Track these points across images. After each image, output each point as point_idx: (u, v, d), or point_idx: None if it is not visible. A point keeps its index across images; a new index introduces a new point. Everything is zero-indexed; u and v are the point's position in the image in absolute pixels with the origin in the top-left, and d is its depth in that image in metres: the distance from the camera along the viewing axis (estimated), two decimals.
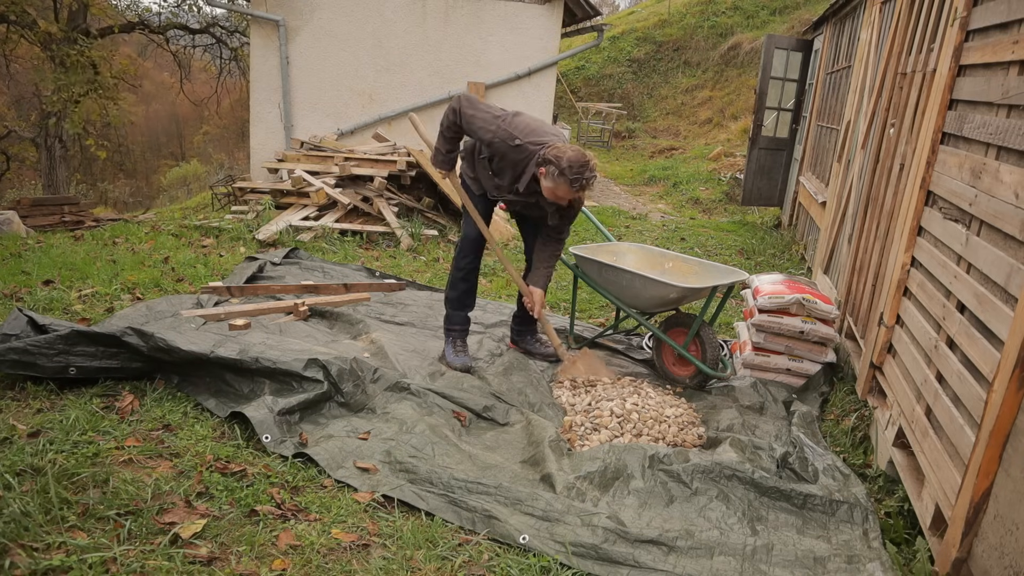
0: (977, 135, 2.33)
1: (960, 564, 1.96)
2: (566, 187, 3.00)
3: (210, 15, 15.38)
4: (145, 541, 1.94)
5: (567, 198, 3.10)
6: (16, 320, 2.87)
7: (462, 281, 3.57)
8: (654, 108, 16.72)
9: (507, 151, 3.14)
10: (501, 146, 3.14)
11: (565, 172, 2.95)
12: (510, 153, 3.14)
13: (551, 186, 3.04)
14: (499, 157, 3.19)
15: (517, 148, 3.11)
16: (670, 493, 2.49)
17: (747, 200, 9.00)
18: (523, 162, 3.13)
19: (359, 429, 2.71)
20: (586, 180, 2.99)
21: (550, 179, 3.02)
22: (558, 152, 2.99)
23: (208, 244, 5.71)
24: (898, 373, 2.81)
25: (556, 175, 2.98)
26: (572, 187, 3.00)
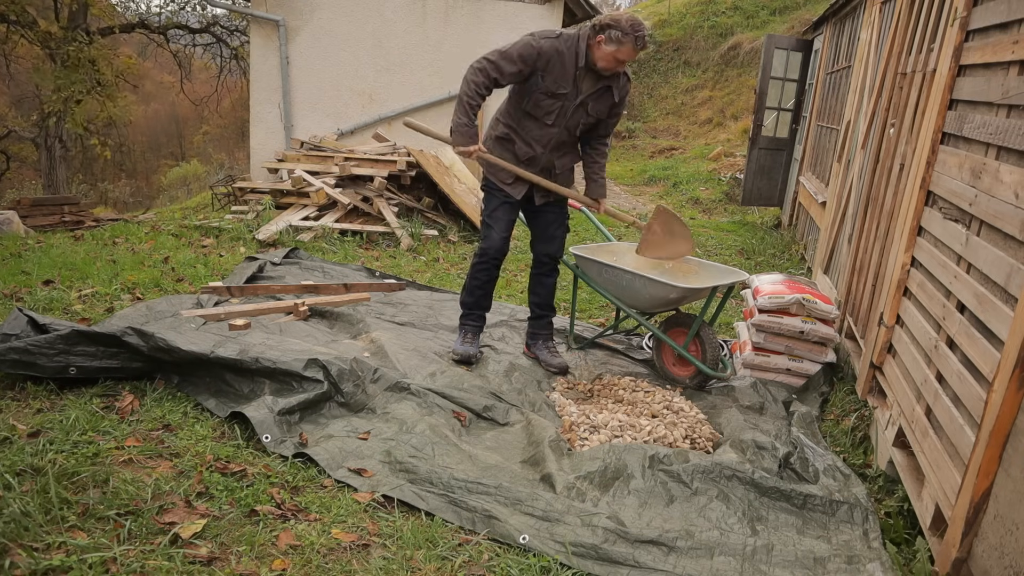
0: (977, 135, 2.33)
1: (960, 564, 1.96)
2: (630, 46, 3.09)
3: (210, 15, 15.38)
4: (145, 541, 1.94)
5: (628, 59, 3.15)
6: (16, 320, 2.87)
7: (479, 289, 3.59)
8: (654, 108, 16.71)
9: (557, 47, 3.16)
10: (550, 47, 3.15)
11: (628, 31, 3.05)
12: (560, 47, 3.16)
13: (612, 50, 3.10)
14: (553, 62, 3.17)
15: (563, 38, 3.18)
16: (670, 493, 2.49)
17: (747, 200, 9.00)
18: (575, 45, 3.17)
19: (359, 429, 2.71)
20: (646, 35, 3.11)
21: (612, 43, 3.09)
22: (613, 16, 3.11)
23: (208, 244, 5.72)
24: (898, 373, 2.81)
25: (620, 36, 3.06)
26: (636, 45, 3.09)
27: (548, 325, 3.77)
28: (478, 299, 3.62)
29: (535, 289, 3.72)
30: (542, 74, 3.21)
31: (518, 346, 3.92)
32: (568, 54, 3.18)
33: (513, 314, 4.40)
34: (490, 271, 3.54)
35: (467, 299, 3.64)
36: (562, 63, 3.19)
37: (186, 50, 17.28)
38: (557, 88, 3.23)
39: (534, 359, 3.75)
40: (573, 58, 3.19)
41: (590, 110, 3.34)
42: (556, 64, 3.18)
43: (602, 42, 3.11)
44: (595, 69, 3.21)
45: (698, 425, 3.10)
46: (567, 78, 3.21)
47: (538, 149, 3.40)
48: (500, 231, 3.47)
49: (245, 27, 14.55)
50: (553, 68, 3.19)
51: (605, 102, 3.35)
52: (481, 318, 3.68)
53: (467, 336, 3.63)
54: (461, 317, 3.68)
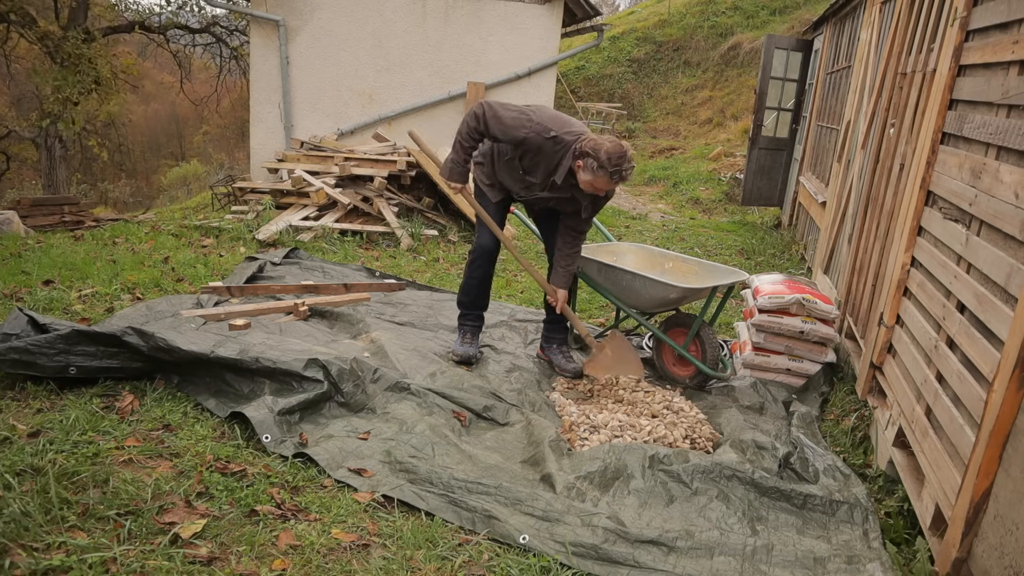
0: (977, 135, 2.33)
1: (960, 564, 1.96)
2: (605, 179, 3.02)
3: (210, 15, 15.38)
4: (145, 541, 1.94)
5: (605, 190, 3.12)
6: (16, 320, 2.87)
7: (475, 288, 3.60)
8: (654, 108, 16.71)
9: (542, 145, 3.12)
10: (535, 141, 3.12)
11: (604, 165, 2.97)
12: (545, 147, 3.13)
13: (589, 178, 3.05)
14: (533, 153, 3.17)
15: (553, 140, 3.11)
16: (670, 493, 2.49)
17: (747, 200, 9.00)
18: (559, 154, 3.13)
19: (359, 429, 2.72)
20: (625, 172, 3.01)
21: (588, 172, 3.03)
22: (595, 144, 3.00)
23: (208, 244, 5.72)
24: (898, 373, 2.81)
25: (596, 168, 2.99)
26: (612, 179, 3.02)
27: (563, 328, 3.75)
28: (475, 298, 3.62)
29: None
30: (520, 155, 3.23)
31: (518, 346, 3.92)
32: (549, 159, 3.16)
33: (513, 314, 4.40)
34: (484, 267, 3.54)
35: (464, 298, 3.64)
36: (541, 161, 3.18)
37: (186, 50, 17.28)
38: (528, 173, 3.27)
39: (547, 362, 3.74)
40: (553, 166, 3.16)
41: (552, 204, 3.39)
42: (535, 157, 3.18)
43: (581, 168, 3.07)
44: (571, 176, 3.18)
45: (698, 425, 3.09)
46: (540, 173, 3.23)
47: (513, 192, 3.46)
48: (487, 230, 3.48)
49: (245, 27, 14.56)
50: (531, 158, 3.20)
51: (571, 205, 3.33)
52: (479, 318, 3.68)
53: (466, 336, 3.63)
54: (459, 317, 3.68)
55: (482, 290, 3.62)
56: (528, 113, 3.16)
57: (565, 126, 3.14)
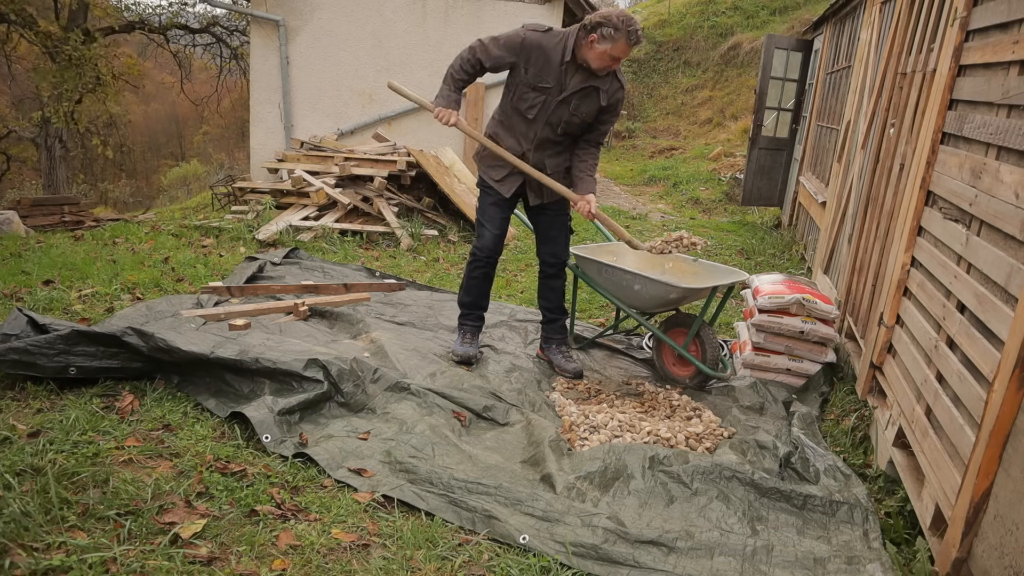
0: (977, 135, 2.33)
1: (960, 564, 1.96)
2: (623, 42, 3.02)
3: (210, 15, 15.38)
4: (145, 541, 1.94)
5: (622, 57, 3.10)
6: (16, 320, 2.87)
7: (476, 288, 3.59)
8: (654, 108, 16.72)
9: (541, 40, 3.14)
10: (534, 38, 3.15)
11: (619, 27, 2.99)
12: (544, 41, 3.14)
13: (606, 48, 3.04)
14: (536, 53, 3.16)
15: (550, 33, 3.16)
16: (670, 493, 2.49)
17: (747, 200, 9.00)
18: (561, 42, 3.14)
19: (359, 429, 2.72)
20: (640, 32, 3.05)
21: (606, 41, 3.02)
22: (603, 14, 3.04)
23: (208, 244, 5.72)
24: (898, 373, 2.81)
25: (612, 33, 3.00)
26: (630, 40, 3.03)
27: (561, 328, 3.74)
28: (475, 298, 3.62)
29: (543, 293, 3.69)
30: (525, 66, 3.20)
31: (518, 346, 3.92)
32: (553, 49, 3.15)
33: (513, 314, 4.40)
34: (484, 269, 3.54)
35: (464, 299, 3.64)
36: (546, 57, 3.16)
37: (186, 50, 17.28)
38: (539, 81, 3.21)
39: (547, 362, 3.73)
40: (559, 53, 3.15)
41: (573, 108, 3.25)
42: (539, 57, 3.17)
43: (595, 41, 3.05)
44: (585, 67, 3.17)
45: (698, 425, 3.10)
46: (551, 73, 3.18)
47: (524, 145, 3.37)
48: (492, 229, 3.47)
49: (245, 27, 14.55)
50: (536, 61, 3.18)
51: (591, 104, 3.27)
52: (480, 318, 3.68)
53: (466, 336, 3.63)
54: (460, 317, 3.67)
55: (482, 290, 3.62)
56: (518, 27, 3.22)
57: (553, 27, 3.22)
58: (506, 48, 3.19)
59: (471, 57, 3.24)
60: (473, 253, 3.53)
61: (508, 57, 3.21)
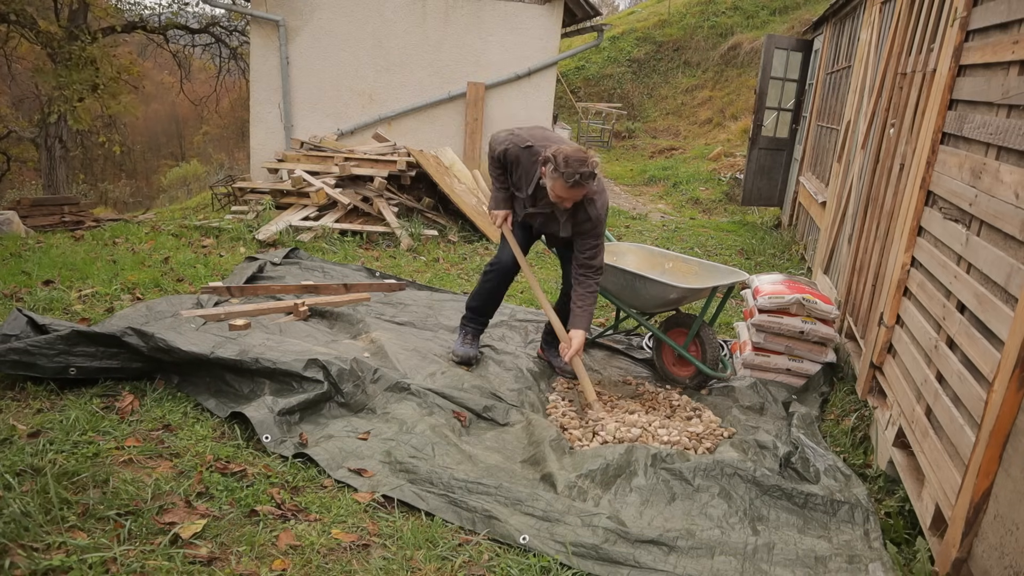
0: (977, 135, 2.33)
1: (960, 564, 1.96)
2: (562, 183, 2.99)
3: (209, 15, 15.38)
4: (145, 541, 1.94)
5: (567, 198, 3.06)
6: (16, 320, 2.87)
7: (487, 295, 3.60)
8: (654, 108, 16.71)
9: (519, 155, 3.28)
10: (514, 152, 3.29)
11: (560, 167, 2.97)
12: (522, 157, 3.27)
13: (551, 184, 3.06)
14: (515, 165, 3.32)
15: (528, 151, 3.25)
16: (672, 491, 2.49)
17: (747, 200, 9.00)
18: (536, 164, 3.23)
19: (359, 429, 2.71)
20: (581, 176, 2.94)
21: (550, 177, 3.04)
22: (557, 149, 3.03)
23: (208, 244, 5.72)
24: (898, 373, 2.81)
25: (552, 171, 3.01)
26: (567, 183, 2.97)
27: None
28: (483, 304, 3.61)
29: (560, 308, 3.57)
30: (510, 170, 3.38)
31: (519, 346, 3.92)
32: (527, 171, 3.28)
33: (513, 314, 4.40)
34: (498, 280, 3.54)
35: (473, 303, 3.62)
36: (521, 174, 3.31)
37: (185, 50, 17.27)
38: (517, 189, 3.38)
39: (547, 363, 3.73)
40: (532, 174, 3.27)
41: (539, 225, 3.41)
42: (516, 168, 3.33)
43: (544, 175, 3.11)
44: None
45: (698, 425, 3.10)
46: (523, 187, 3.33)
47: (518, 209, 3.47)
48: (510, 250, 3.48)
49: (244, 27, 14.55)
50: (515, 171, 3.34)
51: (552, 226, 3.34)
52: (483, 323, 3.66)
53: (467, 337, 3.63)
54: (463, 318, 3.66)
55: (491, 300, 3.61)
56: (518, 131, 3.35)
57: (544, 140, 3.24)
58: (495, 152, 3.37)
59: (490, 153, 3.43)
60: (489, 264, 3.57)
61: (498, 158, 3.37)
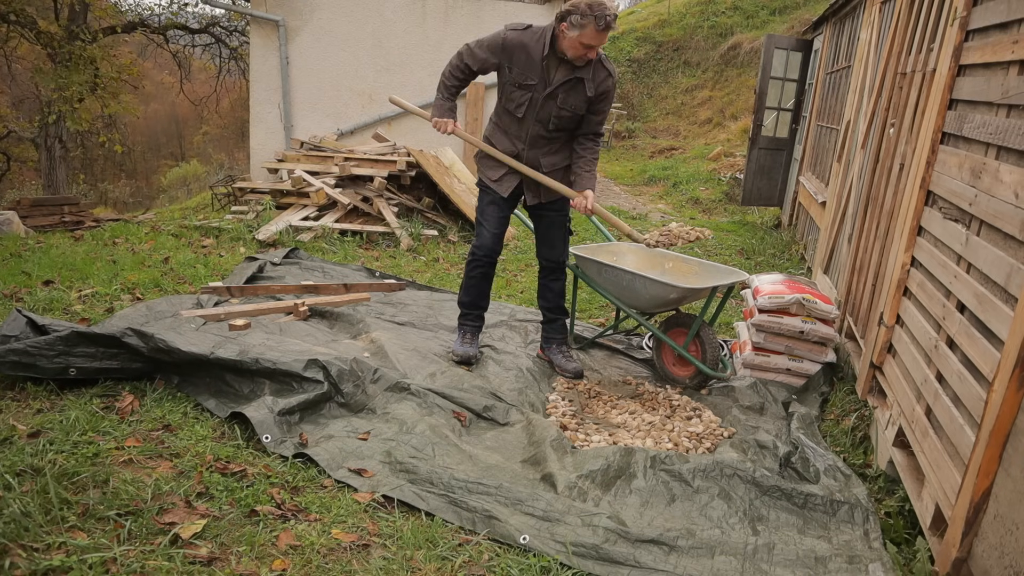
0: (977, 135, 2.33)
1: (960, 564, 1.96)
2: (592, 28, 2.95)
3: (209, 15, 15.37)
4: (145, 541, 1.94)
5: (596, 44, 3.03)
6: (15, 321, 2.87)
7: (475, 288, 3.59)
8: (654, 108, 16.72)
9: (521, 38, 3.16)
10: (514, 37, 3.17)
11: (587, 13, 2.92)
12: (525, 38, 3.16)
13: (576, 35, 2.98)
14: (518, 51, 3.18)
15: (529, 30, 3.17)
16: (671, 492, 2.49)
17: (747, 200, 9.00)
18: (540, 37, 3.15)
19: (359, 429, 2.71)
20: (609, 17, 2.93)
21: (574, 29, 2.97)
22: (573, 1, 2.98)
23: (208, 244, 5.72)
24: (898, 373, 2.81)
25: (580, 20, 2.95)
26: (598, 25, 2.94)
27: (561, 328, 3.74)
28: (474, 298, 3.61)
29: (542, 294, 3.69)
30: (509, 66, 3.22)
31: (519, 346, 3.92)
32: (534, 45, 3.16)
33: (513, 314, 4.40)
34: (483, 268, 3.54)
35: (464, 298, 3.63)
36: (527, 53, 3.18)
37: (185, 50, 17.27)
38: (524, 79, 3.22)
39: (548, 362, 3.73)
40: (540, 48, 3.15)
41: (560, 102, 3.22)
42: (521, 55, 3.18)
43: (565, 29, 3.02)
44: (567, 60, 3.14)
45: (698, 425, 3.10)
46: (534, 69, 3.18)
47: (518, 145, 3.38)
48: (491, 228, 3.47)
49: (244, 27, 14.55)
50: (519, 59, 3.19)
51: (578, 95, 3.23)
52: (479, 318, 3.68)
53: (466, 336, 3.62)
54: (459, 317, 3.67)
55: (482, 290, 3.61)
56: (499, 29, 3.25)
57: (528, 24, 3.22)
58: (489, 50, 3.23)
59: (459, 63, 3.30)
60: (472, 252, 3.54)
61: (492, 59, 3.25)
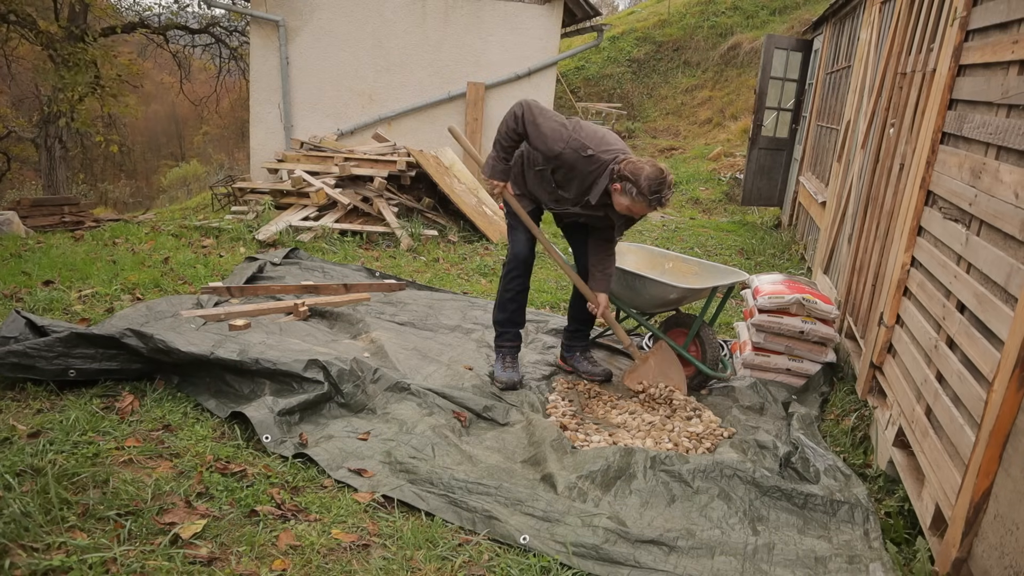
0: (977, 135, 2.33)
1: (960, 564, 1.96)
2: (643, 205, 2.92)
3: (209, 15, 15.37)
4: (145, 541, 1.94)
5: (642, 214, 3.02)
6: (14, 322, 2.87)
7: (511, 302, 3.40)
8: (654, 108, 16.71)
9: (577, 162, 3.02)
10: (571, 157, 3.02)
11: (644, 192, 2.87)
12: (580, 164, 3.02)
13: (627, 203, 2.95)
14: (567, 169, 3.07)
15: (588, 159, 3.01)
16: (671, 492, 2.49)
17: (747, 200, 9.00)
18: (594, 173, 3.03)
19: (359, 429, 2.72)
20: (664, 198, 2.90)
21: (627, 196, 2.93)
22: (635, 168, 2.89)
23: (208, 244, 5.72)
24: (898, 373, 2.81)
25: (635, 194, 2.89)
26: (650, 206, 2.92)
27: (584, 336, 3.69)
28: (511, 313, 3.42)
29: (578, 306, 3.57)
30: (554, 170, 3.13)
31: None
32: (583, 179, 3.07)
33: None
34: (522, 279, 3.36)
35: (500, 315, 3.43)
36: (573, 177, 3.09)
37: (185, 50, 17.27)
38: (560, 188, 3.17)
39: (570, 371, 3.67)
40: (586, 186, 3.07)
41: (583, 220, 3.28)
42: (567, 173, 3.09)
43: (618, 191, 2.96)
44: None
45: (698, 425, 3.10)
46: (571, 189, 3.14)
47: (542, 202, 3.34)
48: (524, 231, 3.34)
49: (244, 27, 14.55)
50: (562, 173, 3.11)
51: (603, 222, 3.23)
52: (517, 336, 3.48)
53: (506, 360, 3.42)
54: (496, 339, 3.47)
55: (519, 304, 3.42)
56: (567, 126, 3.05)
57: (603, 144, 3.03)
58: (543, 145, 3.05)
59: (515, 127, 3.10)
60: (508, 262, 3.37)
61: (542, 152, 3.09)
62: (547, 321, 4.35)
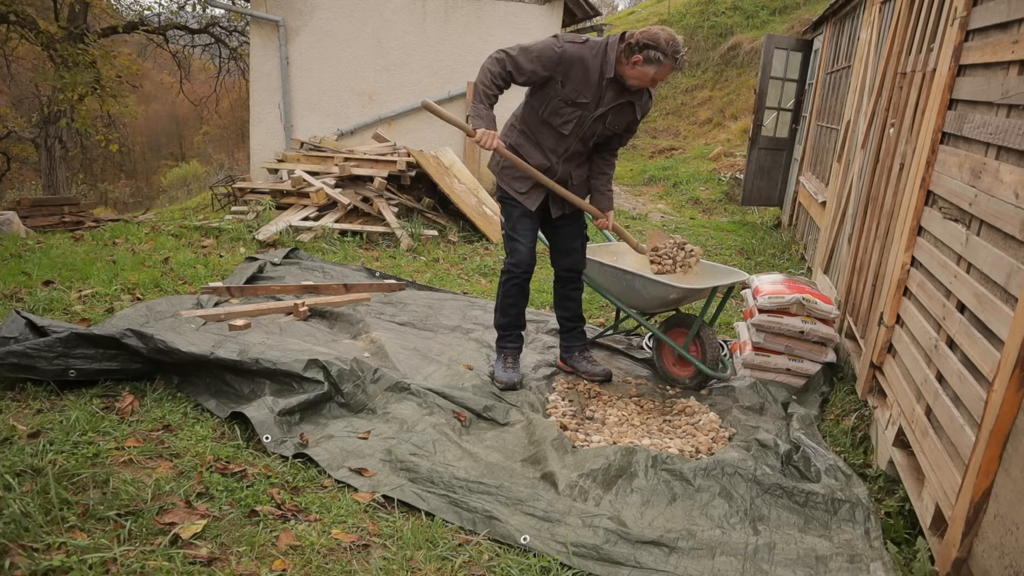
0: (977, 135, 2.33)
1: (960, 564, 1.96)
2: (669, 66, 2.95)
3: (209, 15, 15.37)
4: (145, 541, 1.94)
5: (662, 79, 3.04)
6: (14, 323, 2.87)
7: (512, 307, 3.40)
8: (654, 108, 16.70)
9: (581, 52, 3.01)
10: (573, 51, 3.00)
11: (668, 52, 2.91)
12: (585, 53, 3.01)
13: (652, 72, 2.96)
14: (575, 66, 3.01)
15: (588, 46, 3.02)
16: (672, 491, 2.49)
17: (747, 200, 9.00)
18: (598, 56, 3.02)
19: (359, 429, 2.72)
20: (684, 56, 2.97)
21: (652, 64, 2.94)
22: (650, 35, 2.92)
23: (208, 244, 5.72)
24: (898, 373, 2.81)
25: (661, 58, 2.92)
26: (677, 65, 2.96)
27: (581, 335, 3.68)
28: (513, 318, 3.43)
29: (562, 304, 3.62)
30: (562, 80, 3.05)
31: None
32: (593, 63, 3.02)
33: None
34: (522, 286, 3.35)
35: (501, 320, 3.45)
36: (585, 71, 3.03)
37: (185, 50, 17.26)
38: (577, 97, 3.08)
39: (570, 372, 3.67)
40: (599, 68, 3.03)
41: (608, 123, 3.18)
42: (578, 71, 3.03)
43: (638, 62, 2.94)
44: (620, 82, 3.07)
45: (700, 424, 3.10)
46: (589, 88, 3.06)
47: (552, 159, 3.25)
48: (526, 242, 3.30)
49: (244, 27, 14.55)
50: (575, 75, 3.03)
51: (625, 117, 3.20)
52: (519, 338, 3.49)
53: (508, 361, 3.42)
54: (498, 340, 3.48)
55: (521, 308, 3.42)
56: (550, 38, 3.05)
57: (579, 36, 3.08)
58: (540, 62, 3.01)
59: (499, 70, 3.02)
60: (508, 270, 3.33)
61: (542, 72, 3.03)
62: (547, 321, 4.35)
